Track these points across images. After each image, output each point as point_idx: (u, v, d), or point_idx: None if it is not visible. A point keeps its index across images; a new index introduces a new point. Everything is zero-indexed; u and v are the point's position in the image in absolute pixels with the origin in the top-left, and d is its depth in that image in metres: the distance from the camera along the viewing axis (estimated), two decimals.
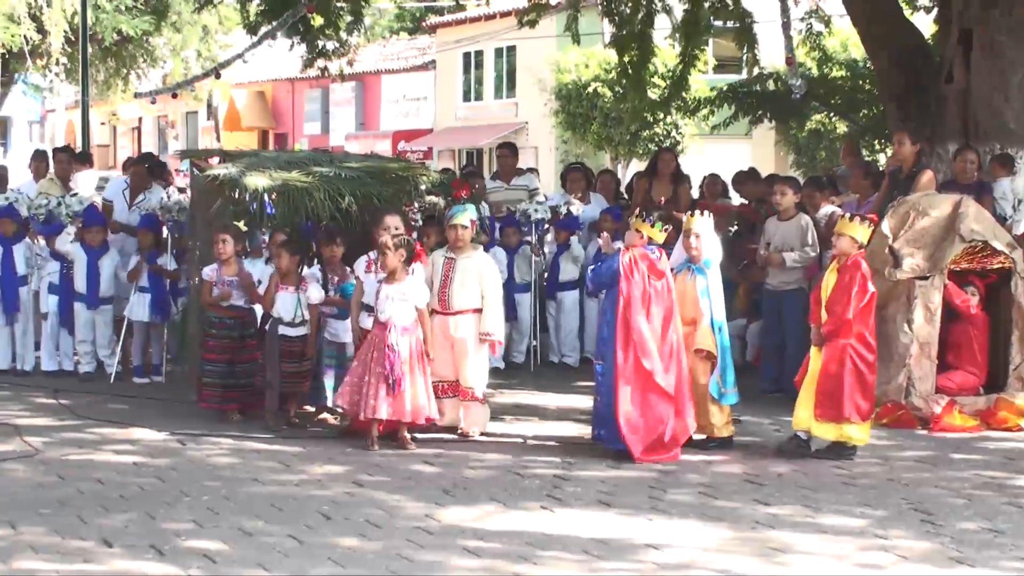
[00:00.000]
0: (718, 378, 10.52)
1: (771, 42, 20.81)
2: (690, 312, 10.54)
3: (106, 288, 13.45)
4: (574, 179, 15.38)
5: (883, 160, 21.01)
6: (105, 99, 40.73)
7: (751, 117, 23.05)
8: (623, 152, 37.74)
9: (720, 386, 10.53)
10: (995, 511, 8.86)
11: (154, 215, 13.67)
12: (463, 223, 11.11)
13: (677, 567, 7.56)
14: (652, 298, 10.23)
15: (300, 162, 12.75)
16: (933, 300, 11.81)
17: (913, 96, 15.55)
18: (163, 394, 12.69)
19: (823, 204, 13.42)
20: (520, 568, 7.48)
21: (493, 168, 17.70)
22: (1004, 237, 12.21)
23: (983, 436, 11.43)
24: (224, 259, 11.58)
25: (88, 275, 13.33)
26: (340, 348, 11.60)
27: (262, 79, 53.08)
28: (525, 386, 13.32)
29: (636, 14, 19.07)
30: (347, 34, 21.00)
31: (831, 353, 10.26)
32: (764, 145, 36.38)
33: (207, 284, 11.59)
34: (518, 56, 42.87)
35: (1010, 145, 14.58)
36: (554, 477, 9.65)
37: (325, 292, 11.47)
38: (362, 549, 7.77)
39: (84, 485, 9.16)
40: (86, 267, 13.34)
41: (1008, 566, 7.67)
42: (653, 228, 10.45)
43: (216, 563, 7.45)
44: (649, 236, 10.42)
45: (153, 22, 33.28)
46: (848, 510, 8.86)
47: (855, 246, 10.40)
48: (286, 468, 9.83)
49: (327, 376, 11.62)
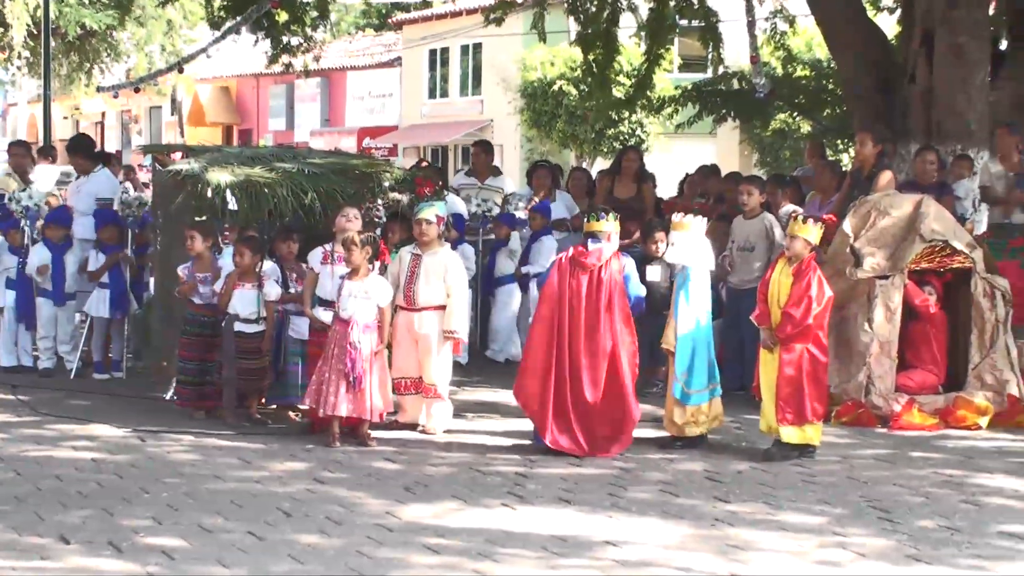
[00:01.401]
0: (681, 379, 10.55)
1: (736, 41, 20.93)
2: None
3: (70, 284, 13.39)
4: (540, 176, 15.36)
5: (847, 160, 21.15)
6: (68, 93, 40.54)
7: (716, 116, 23.20)
8: (588, 150, 37.84)
9: (683, 388, 10.57)
10: (953, 509, 8.92)
11: (112, 211, 13.60)
12: (428, 218, 11.10)
13: (637, 564, 7.59)
14: (575, 293, 10.31)
15: (264, 158, 12.73)
16: (893, 299, 11.87)
17: (876, 96, 15.64)
18: (123, 390, 12.63)
19: (784, 203, 13.47)
20: (480, 565, 7.49)
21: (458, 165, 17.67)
22: (964, 237, 12.28)
23: (942, 435, 11.50)
24: (194, 255, 11.55)
25: (54, 272, 13.25)
26: (304, 344, 11.57)
27: (227, 74, 52.95)
28: (489, 383, 13.31)
29: (602, 12, 19.13)
30: (312, 30, 20.98)
31: (789, 357, 10.27)
32: (728, 144, 36.52)
33: (183, 281, 11.56)
34: (484, 53, 42.89)
35: (971, 146, 14.68)
36: (515, 475, 9.66)
37: (285, 289, 11.43)
38: (322, 546, 7.76)
39: (42, 482, 9.12)
40: (51, 264, 13.27)
41: (964, 564, 7.73)
42: (607, 223, 10.50)
43: (175, 560, 7.44)
44: (606, 231, 10.48)
45: (117, 16, 33.10)
46: (807, 508, 8.91)
47: (808, 248, 10.43)
48: (247, 465, 9.81)
49: (295, 373, 11.54)
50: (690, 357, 10.55)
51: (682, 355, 10.54)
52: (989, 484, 9.71)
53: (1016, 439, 11.39)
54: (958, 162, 14.36)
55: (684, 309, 10.58)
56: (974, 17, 14.81)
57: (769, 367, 10.41)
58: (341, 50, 51.17)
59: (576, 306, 10.34)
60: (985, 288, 12.10)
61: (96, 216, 13.56)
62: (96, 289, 13.25)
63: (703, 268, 10.73)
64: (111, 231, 13.42)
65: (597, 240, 10.50)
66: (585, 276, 10.37)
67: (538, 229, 14.47)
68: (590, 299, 10.35)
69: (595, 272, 10.40)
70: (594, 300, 10.35)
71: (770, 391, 10.41)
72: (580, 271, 10.37)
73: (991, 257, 12.45)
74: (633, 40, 21.08)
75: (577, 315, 10.33)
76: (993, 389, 12.00)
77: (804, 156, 21.15)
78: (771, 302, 10.44)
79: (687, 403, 10.57)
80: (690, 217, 10.81)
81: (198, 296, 11.47)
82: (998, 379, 12.03)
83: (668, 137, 35.82)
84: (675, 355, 10.56)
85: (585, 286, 10.36)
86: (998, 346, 12.07)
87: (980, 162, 14.59)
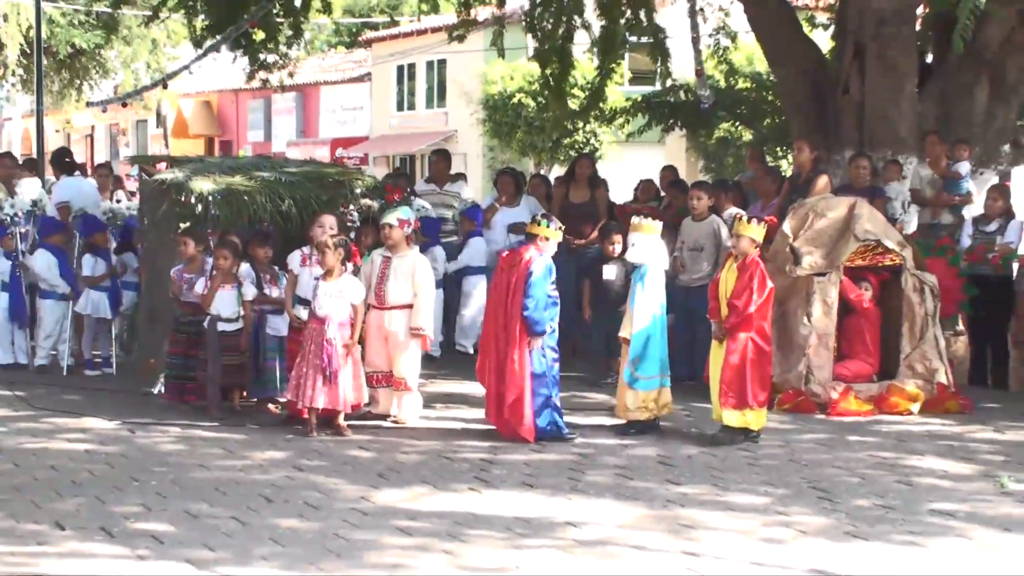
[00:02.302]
0: (631, 365, 10.54)
1: (682, 56, 20.91)
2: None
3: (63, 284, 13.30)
4: (504, 183, 15.39)
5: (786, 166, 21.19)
6: (59, 108, 40.26)
7: (664, 125, 23.21)
8: (545, 158, 37.79)
9: (632, 372, 10.55)
10: (887, 489, 8.95)
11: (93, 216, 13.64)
12: (390, 222, 11.06)
13: (595, 543, 7.58)
14: (511, 289, 10.32)
15: (243, 167, 12.70)
16: (830, 295, 11.90)
17: (813, 107, 15.70)
18: (114, 385, 12.53)
19: (727, 206, 13.48)
20: (450, 545, 7.46)
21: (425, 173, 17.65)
22: (895, 236, 12.32)
23: (876, 420, 11.53)
24: (186, 259, 11.48)
25: (63, 273, 13.16)
26: (280, 341, 11.49)
27: (208, 89, 52.65)
28: (456, 375, 13.26)
29: (557, 30, 19.12)
30: (287, 48, 20.90)
31: (734, 346, 10.29)
32: (676, 151, 36.51)
33: (175, 282, 11.50)
34: (448, 69, 42.81)
35: (901, 152, 14.74)
36: (481, 461, 9.64)
37: (260, 291, 11.35)
38: (301, 529, 7.72)
39: (38, 472, 9.05)
40: (58, 267, 13.15)
41: (898, 539, 7.75)
42: (547, 228, 10.49)
43: (163, 544, 7.38)
44: (545, 235, 10.46)
45: (104, 36, 32.90)
46: (752, 489, 8.92)
47: (753, 245, 10.45)
48: (230, 454, 9.75)
49: (273, 368, 11.48)
50: (643, 346, 10.54)
51: (636, 344, 10.53)
52: (920, 465, 9.75)
53: (945, 423, 11.44)
54: (888, 167, 14.40)
55: (640, 303, 10.57)
56: (903, 33, 14.86)
57: (718, 357, 10.42)
58: (315, 66, 50.97)
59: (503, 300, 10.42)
60: (915, 284, 12.14)
61: (84, 222, 13.49)
62: (89, 290, 13.14)
63: (658, 266, 10.74)
64: (102, 236, 13.36)
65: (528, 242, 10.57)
66: (512, 273, 10.40)
67: (469, 231, 14.78)
68: (512, 294, 10.37)
69: (520, 268, 10.38)
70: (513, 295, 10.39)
71: (714, 380, 10.42)
72: (514, 270, 10.40)
73: (920, 255, 12.50)
74: (587, 55, 21.13)
75: (501, 308, 10.42)
76: (923, 377, 12.05)
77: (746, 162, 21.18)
78: (721, 298, 10.46)
79: (636, 387, 10.54)
80: (649, 220, 10.82)
81: (189, 296, 11.39)
82: (928, 368, 12.07)
83: (620, 145, 35.82)
84: (629, 344, 10.56)
85: (512, 282, 10.38)
86: (927, 337, 12.12)
87: (909, 168, 14.65)
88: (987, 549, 7.66)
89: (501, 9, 19.93)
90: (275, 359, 11.45)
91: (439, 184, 15.70)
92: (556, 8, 18.93)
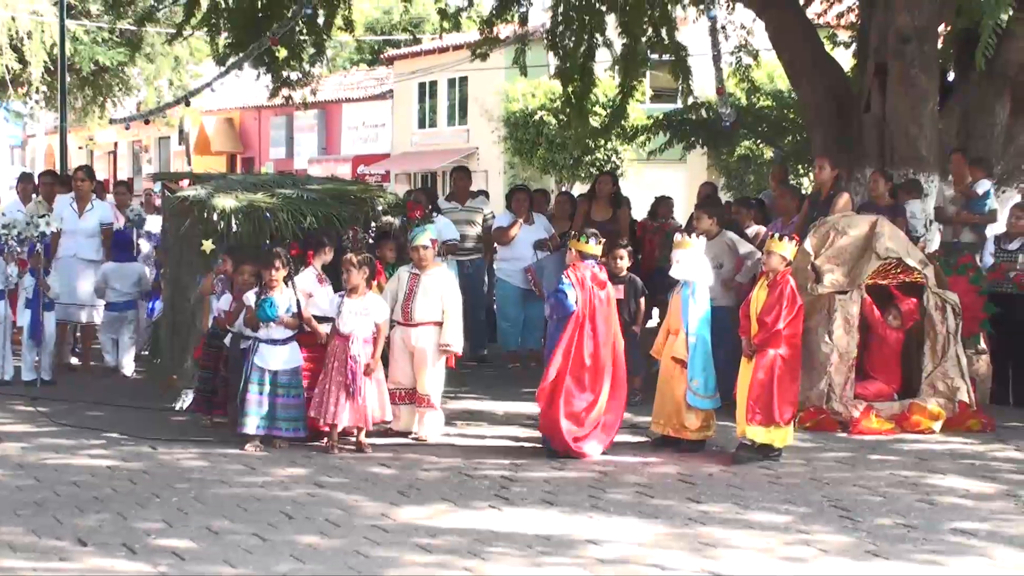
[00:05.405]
0: (694, 386, 10.50)
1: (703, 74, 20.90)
2: (675, 323, 10.68)
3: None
4: (519, 199, 15.45)
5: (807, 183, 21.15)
6: (82, 125, 40.51)
7: (685, 143, 23.23)
8: (567, 176, 37.85)
9: (695, 394, 10.52)
10: (909, 508, 8.92)
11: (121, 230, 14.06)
12: (424, 243, 11.09)
13: (615, 561, 7.57)
14: (597, 308, 10.33)
15: (265, 184, 12.75)
16: (852, 313, 11.88)
17: (834, 125, 15.68)
18: (137, 401, 12.58)
19: (748, 223, 13.45)
20: (470, 563, 7.46)
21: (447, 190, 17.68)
22: (917, 255, 12.30)
23: (898, 438, 11.50)
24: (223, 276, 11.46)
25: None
26: (264, 374, 10.45)
27: (230, 106, 52.88)
28: (475, 392, 13.27)
29: (579, 48, 19.18)
30: (310, 65, 20.99)
31: (762, 362, 10.29)
32: (697, 169, 36.52)
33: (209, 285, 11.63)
34: (470, 86, 42.90)
35: (923, 170, 14.70)
36: (501, 478, 9.64)
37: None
38: (322, 546, 7.73)
39: (60, 488, 9.08)
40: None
41: (920, 559, 7.72)
42: (588, 244, 10.50)
43: (184, 560, 7.40)
44: (585, 252, 10.47)
45: (128, 53, 33.12)
46: (773, 507, 8.89)
47: (784, 263, 10.45)
48: (251, 471, 9.77)
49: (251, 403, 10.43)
50: (702, 366, 10.52)
51: (693, 364, 10.52)
52: (942, 484, 9.71)
53: (967, 442, 11.39)
54: (909, 185, 14.38)
55: (692, 322, 10.54)
56: (924, 51, 14.84)
57: (746, 374, 10.41)
58: (337, 84, 51.17)
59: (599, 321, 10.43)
60: (937, 302, 12.11)
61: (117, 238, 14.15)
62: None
63: (704, 283, 10.72)
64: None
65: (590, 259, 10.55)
66: (603, 292, 10.46)
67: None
68: (603, 312, 10.46)
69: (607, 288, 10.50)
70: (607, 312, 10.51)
71: (742, 396, 10.40)
72: (598, 287, 10.44)
73: (942, 273, 12.47)
74: (608, 73, 21.12)
75: (601, 329, 10.44)
76: (945, 396, 12.01)
77: (768, 180, 21.17)
78: (752, 315, 10.45)
79: (700, 406, 10.53)
80: (691, 236, 10.81)
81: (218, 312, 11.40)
82: (949, 386, 12.03)
83: (641, 163, 35.82)
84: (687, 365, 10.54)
85: (605, 300, 10.46)
86: (949, 356, 12.08)
87: (931, 185, 14.62)
88: (1008, 569, 7.63)
89: (523, 27, 19.99)
90: (259, 393, 10.47)
91: (460, 201, 15.81)
92: (578, 26, 18.99)
